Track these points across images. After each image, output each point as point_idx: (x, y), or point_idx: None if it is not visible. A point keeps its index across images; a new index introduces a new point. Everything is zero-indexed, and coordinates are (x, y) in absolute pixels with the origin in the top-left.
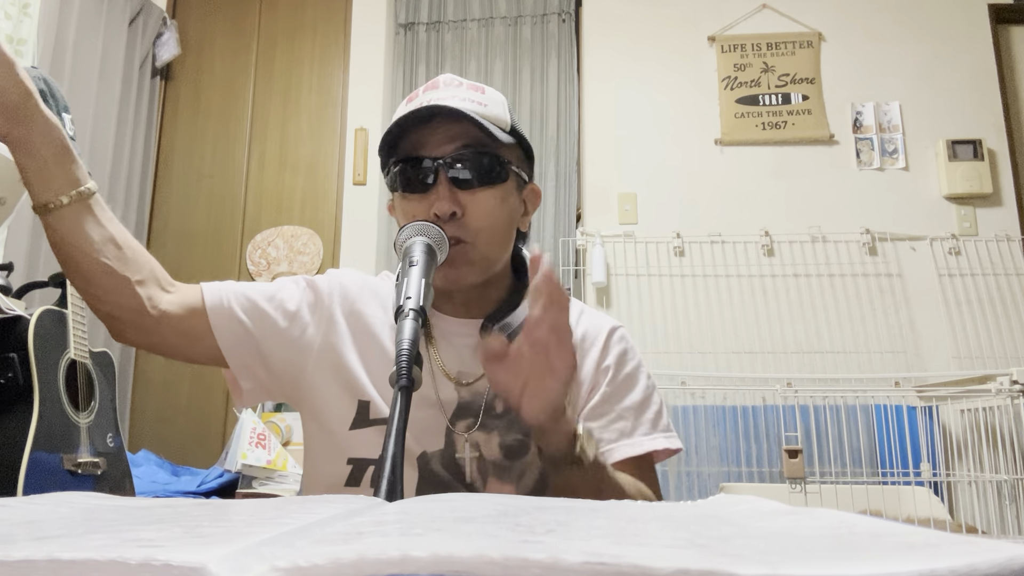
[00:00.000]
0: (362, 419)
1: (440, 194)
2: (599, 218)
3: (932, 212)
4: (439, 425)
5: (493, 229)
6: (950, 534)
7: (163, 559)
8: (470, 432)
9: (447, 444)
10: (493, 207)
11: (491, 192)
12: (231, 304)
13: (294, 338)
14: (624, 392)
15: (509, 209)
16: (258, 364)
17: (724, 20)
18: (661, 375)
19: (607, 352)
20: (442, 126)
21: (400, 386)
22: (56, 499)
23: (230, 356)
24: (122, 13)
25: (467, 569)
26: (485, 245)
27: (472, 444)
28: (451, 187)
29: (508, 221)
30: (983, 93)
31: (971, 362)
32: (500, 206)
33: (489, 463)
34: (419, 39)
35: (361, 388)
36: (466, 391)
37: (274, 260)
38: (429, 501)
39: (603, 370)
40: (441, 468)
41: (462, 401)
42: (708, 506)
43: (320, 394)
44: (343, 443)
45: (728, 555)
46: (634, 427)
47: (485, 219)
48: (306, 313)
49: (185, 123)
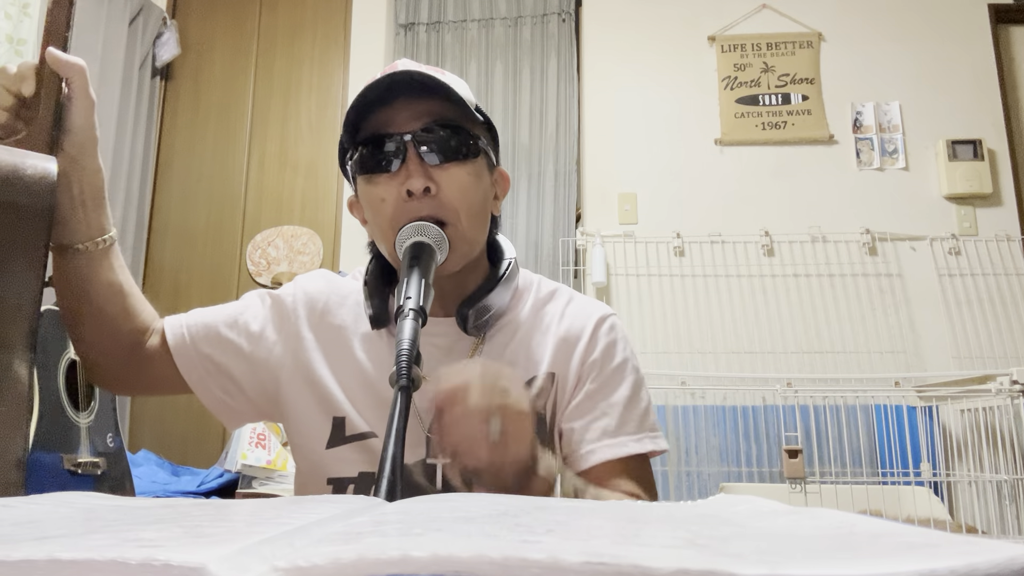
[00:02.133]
0: (338, 436)
1: (411, 171)
2: (599, 218)
3: (932, 212)
4: (418, 433)
5: (471, 207)
6: (950, 534)
7: (163, 559)
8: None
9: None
10: (468, 183)
11: (464, 168)
12: (193, 341)
13: (261, 359)
14: (610, 388)
15: (483, 187)
16: (234, 392)
17: (724, 20)
18: (661, 375)
19: (594, 345)
20: (407, 104)
21: (400, 386)
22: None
23: (200, 392)
24: (122, 13)
25: (467, 569)
26: (466, 226)
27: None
28: (422, 163)
29: (483, 200)
30: (983, 93)
31: (971, 362)
32: (475, 183)
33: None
34: (419, 39)
35: (335, 404)
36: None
37: (274, 260)
38: (429, 501)
39: (590, 365)
40: (418, 475)
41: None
42: (708, 506)
43: (296, 413)
44: (320, 463)
45: (728, 555)
46: (619, 426)
47: (461, 196)
48: (271, 332)
49: (185, 123)
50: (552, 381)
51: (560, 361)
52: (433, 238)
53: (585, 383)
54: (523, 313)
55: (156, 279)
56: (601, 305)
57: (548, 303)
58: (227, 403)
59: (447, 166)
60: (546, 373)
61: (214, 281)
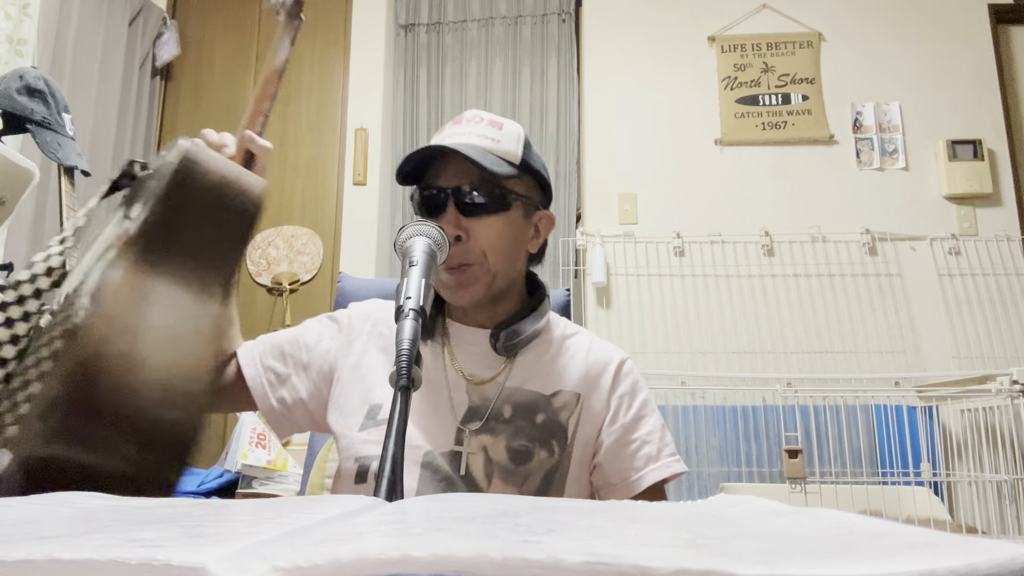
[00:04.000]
0: (370, 421)
1: (447, 220)
2: (599, 218)
3: (932, 212)
4: (451, 426)
5: (496, 249)
6: (950, 534)
7: (163, 559)
8: (477, 434)
9: (456, 443)
10: (496, 231)
11: (494, 219)
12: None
13: (317, 366)
14: (643, 420)
15: (513, 232)
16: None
17: (724, 20)
18: (661, 375)
19: (619, 381)
20: (455, 161)
21: (400, 386)
22: (56, 499)
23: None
24: (122, 13)
25: (467, 569)
26: (491, 263)
27: (479, 444)
28: (458, 214)
29: (512, 242)
30: (983, 93)
31: (971, 362)
32: (504, 230)
33: (495, 465)
34: (419, 40)
35: (375, 393)
36: (476, 394)
37: (274, 260)
38: (429, 501)
39: (619, 398)
40: (443, 462)
41: (472, 405)
42: (708, 506)
43: (341, 400)
44: (352, 444)
45: (728, 555)
46: (659, 451)
47: (488, 241)
48: (327, 341)
49: (185, 123)
50: (577, 400)
51: (586, 386)
52: (434, 238)
53: (619, 416)
54: (552, 338)
55: None
56: (618, 349)
57: (573, 338)
58: (284, 413)
59: (480, 218)
60: (572, 391)
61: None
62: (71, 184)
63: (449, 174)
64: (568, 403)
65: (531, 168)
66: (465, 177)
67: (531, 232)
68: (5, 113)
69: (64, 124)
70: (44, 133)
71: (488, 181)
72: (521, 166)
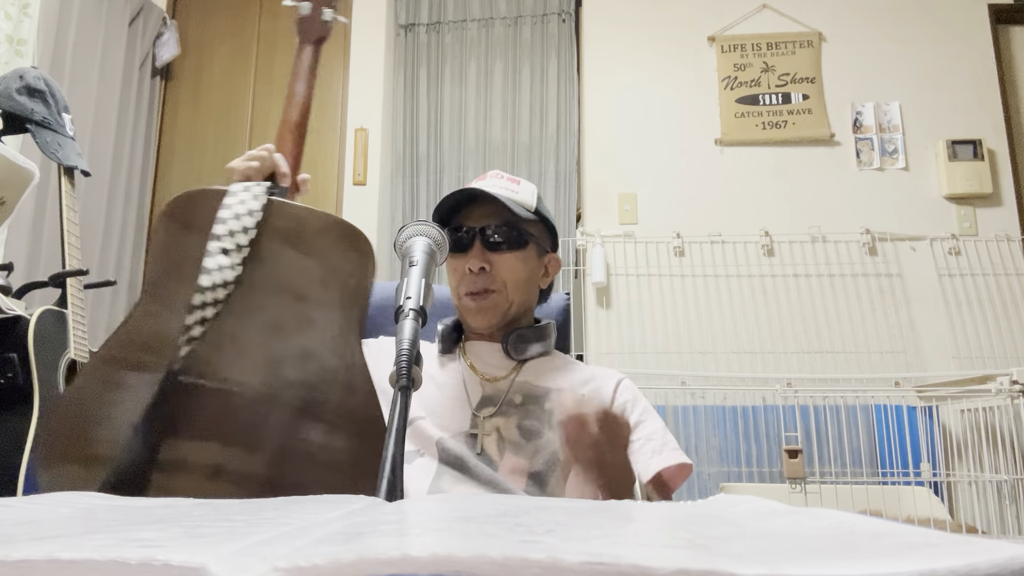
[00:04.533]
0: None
1: (474, 254)
2: (599, 218)
3: (932, 212)
4: (465, 413)
5: (515, 280)
6: (950, 534)
7: (163, 559)
8: (491, 417)
9: (471, 427)
10: (515, 264)
11: (514, 254)
12: None
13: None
14: (646, 421)
15: (529, 268)
16: None
17: (724, 20)
18: (661, 375)
19: (619, 394)
20: (483, 205)
21: (400, 386)
22: (56, 499)
23: None
24: (122, 13)
25: (467, 569)
26: (510, 292)
27: (492, 426)
28: (483, 250)
29: (528, 276)
30: (983, 93)
31: (971, 362)
32: (521, 265)
33: (507, 442)
34: (419, 40)
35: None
36: (490, 387)
37: None
38: (429, 501)
39: (621, 404)
40: (457, 443)
41: (486, 394)
42: (708, 506)
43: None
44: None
45: (728, 555)
46: (663, 445)
47: (508, 273)
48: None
49: (185, 123)
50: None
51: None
52: (434, 239)
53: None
54: (557, 356)
55: None
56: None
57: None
58: None
59: (502, 253)
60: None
61: None
62: (71, 184)
63: (476, 215)
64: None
65: (543, 216)
66: (491, 218)
67: (542, 271)
68: (5, 113)
69: (64, 124)
70: (44, 133)
71: (510, 222)
72: (536, 213)
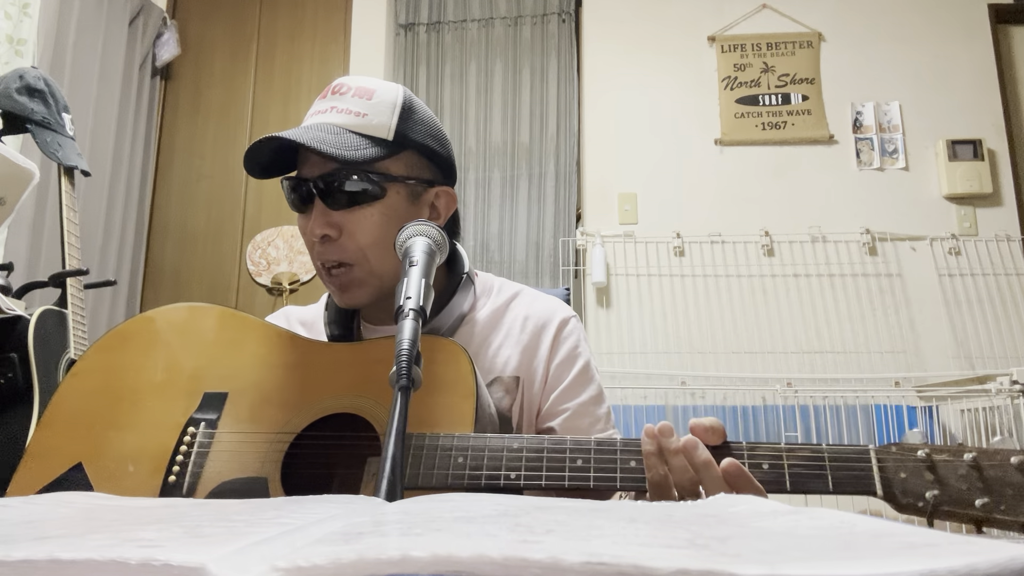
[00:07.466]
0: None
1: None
2: (599, 218)
3: (932, 212)
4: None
5: (377, 246)
6: (950, 534)
7: (163, 559)
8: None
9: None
10: (373, 224)
11: (368, 210)
12: None
13: None
14: (579, 388)
15: (398, 221)
16: None
17: (724, 20)
18: (661, 375)
19: (557, 347)
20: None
21: (400, 386)
22: (56, 499)
23: None
24: (122, 13)
25: (467, 569)
26: (373, 263)
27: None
28: (326, 208)
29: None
30: (983, 93)
31: (971, 362)
32: (383, 222)
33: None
34: (419, 39)
35: None
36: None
37: (274, 260)
38: (429, 501)
39: (556, 367)
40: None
41: None
42: (708, 506)
43: None
44: None
45: (728, 555)
46: (591, 424)
47: (365, 237)
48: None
49: (185, 123)
50: (517, 384)
51: (524, 365)
52: (434, 239)
53: (555, 387)
54: (480, 316)
55: (156, 279)
56: (562, 305)
57: (508, 306)
58: None
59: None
60: (511, 377)
61: (214, 281)
62: (71, 184)
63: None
64: (508, 389)
65: (411, 142)
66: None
67: (426, 214)
68: (5, 113)
69: (64, 124)
70: (44, 133)
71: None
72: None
